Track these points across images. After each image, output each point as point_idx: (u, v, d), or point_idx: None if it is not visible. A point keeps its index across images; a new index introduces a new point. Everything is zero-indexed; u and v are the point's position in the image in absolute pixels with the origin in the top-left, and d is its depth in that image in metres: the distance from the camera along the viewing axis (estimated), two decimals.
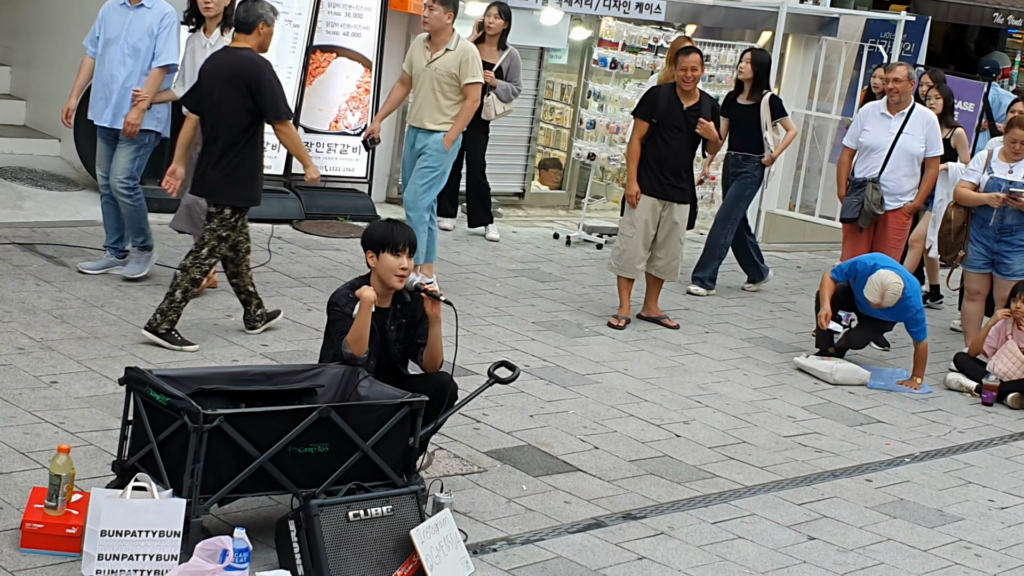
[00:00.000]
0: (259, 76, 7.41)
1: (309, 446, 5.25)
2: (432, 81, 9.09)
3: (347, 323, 5.78)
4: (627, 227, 9.41)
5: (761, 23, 13.59)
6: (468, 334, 8.25)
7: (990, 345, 9.28)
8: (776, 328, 10.05)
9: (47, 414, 6.30)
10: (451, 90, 9.11)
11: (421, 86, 9.17)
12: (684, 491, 6.69)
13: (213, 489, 5.08)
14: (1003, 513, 7.09)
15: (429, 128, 9.15)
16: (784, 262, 12.54)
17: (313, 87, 10.93)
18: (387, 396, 5.58)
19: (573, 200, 13.22)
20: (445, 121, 9.13)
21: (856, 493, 7.04)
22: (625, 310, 9.42)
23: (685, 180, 9.38)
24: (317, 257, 9.81)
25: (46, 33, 11.19)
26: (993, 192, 9.29)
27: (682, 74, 9.23)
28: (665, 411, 7.83)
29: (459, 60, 9.06)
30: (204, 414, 4.98)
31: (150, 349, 7.35)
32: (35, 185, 10.22)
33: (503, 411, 7.34)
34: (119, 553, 4.88)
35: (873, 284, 8.75)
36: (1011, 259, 9.36)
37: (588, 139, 12.09)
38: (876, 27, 15.42)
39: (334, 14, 10.98)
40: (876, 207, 9.64)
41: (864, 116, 9.96)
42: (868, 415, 8.40)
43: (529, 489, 6.40)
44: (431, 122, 9.14)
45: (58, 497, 5.08)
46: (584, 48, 13.01)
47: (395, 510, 5.25)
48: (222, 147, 7.47)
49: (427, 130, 9.16)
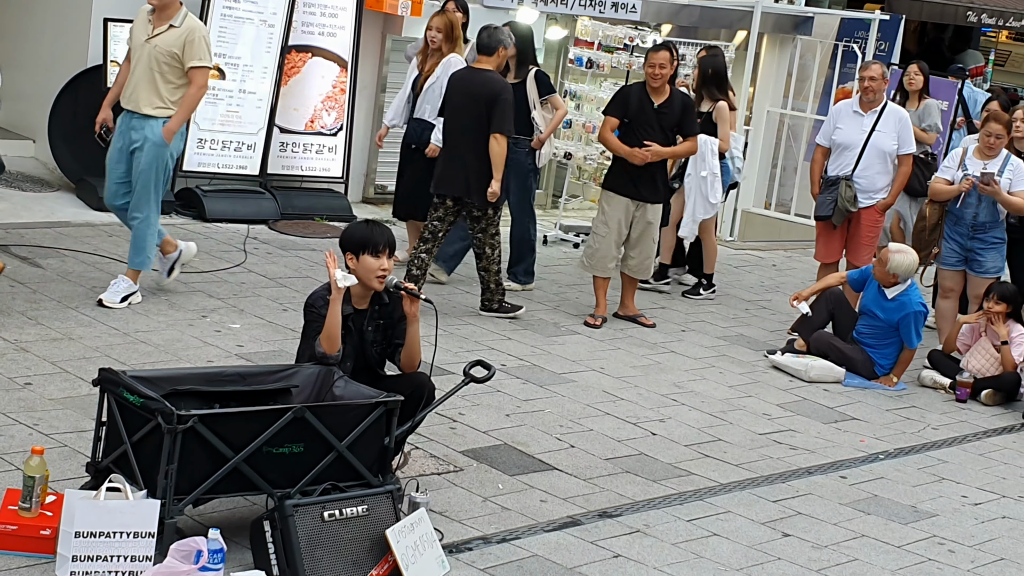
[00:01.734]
0: (498, 94, 8.73)
1: (284, 446, 5.25)
2: (151, 59, 7.92)
3: (320, 323, 5.79)
4: (600, 226, 9.42)
5: (736, 22, 13.62)
6: (444, 334, 8.25)
7: (964, 342, 9.32)
8: (752, 326, 10.08)
9: (21, 415, 6.28)
10: (172, 72, 7.95)
11: (138, 63, 7.97)
12: (660, 489, 6.70)
13: (187, 490, 5.07)
14: (976, 509, 7.13)
15: (145, 113, 7.96)
16: (760, 260, 12.58)
17: (288, 87, 10.91)
18: (362, 396, 5.58)
19: (550, 200, 13.23)
20: (163, 107, 7.98)
21: (831, 490, 7.07)
22: (601, 309, 9.43)
23: (658, 179, 9.37)
24: (293, 257, 9.80)
25: (19, 34, 11.15)
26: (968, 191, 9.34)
27: (650, 71, 9.19)
28: (641, 409, 7.85)
29: (183, 39, 7.92)
30: (178, 415, 4.97)
31: (124, 350, 7.33)
32: (9, 186, 10.18)
33: (479, 410, 7.35)
34: (93, 554, 4.87)
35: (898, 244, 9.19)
36: (984, 256, 9.40)
37: (565, 139, 12.10)
38: (850, 26, 15.48)
39: (309, 14, 10.96)
40: (849, 204, 9.68)
41: (837, 114, 10.00)
42: (843, 412, 8.44)
43: (505, 488, 6.41)
44: (148, 106, 7.96)
45: (32, 499, 5.07)
46: (560, 47, 13.02)
47: (370, 510, 5.26)
48: (475, 154, 8.76)
49: (142, 115, 7.98)
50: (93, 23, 10.30)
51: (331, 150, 11.24)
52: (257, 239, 10.14)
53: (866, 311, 9.13)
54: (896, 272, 8.86)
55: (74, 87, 10.34)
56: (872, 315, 9.06)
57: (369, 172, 11.94)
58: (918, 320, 8.97)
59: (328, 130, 11.20)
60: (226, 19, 10.51)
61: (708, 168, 10.23)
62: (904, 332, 8.97)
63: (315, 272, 9.41)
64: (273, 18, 10.72)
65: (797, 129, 14.59)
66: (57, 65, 10.61)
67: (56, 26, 10.95)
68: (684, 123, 9.30)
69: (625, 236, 9.37)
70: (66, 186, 10.46)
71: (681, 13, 13.19)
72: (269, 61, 10.73)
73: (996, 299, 9.06)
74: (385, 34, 11.71)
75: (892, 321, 8.97)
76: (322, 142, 11.21)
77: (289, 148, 11.02)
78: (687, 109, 9.35)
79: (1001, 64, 22.37)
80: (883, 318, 8.99)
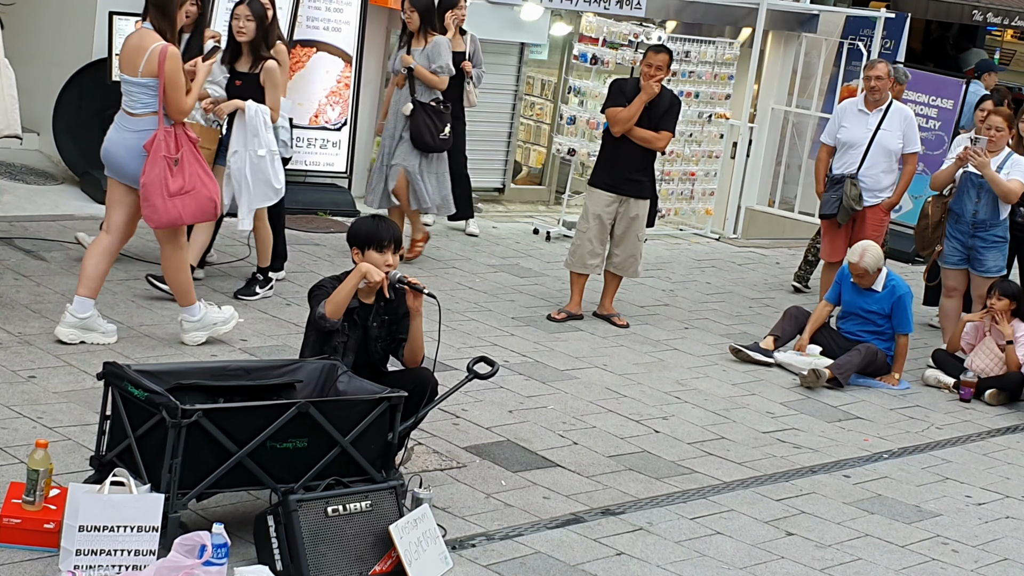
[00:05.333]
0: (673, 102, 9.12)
1: (288, 441, 5.25)
2: None
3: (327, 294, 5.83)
4: (581, 222, 9.43)
5: (741, 19, 13.60)
6: (448, 329, 8.25)
7: (967, 341, 9.32)
8: (755, 324, 10.07)
9: (25, 409, 6.28)
10: None
11: None
12: (663, 487, 6.70)
13: (191, 484, 5.07)
14: (980, 509, 7.13)
15: None
16: (763, 258, 12.57)
17: (293, 82, 10.88)
18: (366, 391, 5.58)
19: (553, 196, 13.22)
20: None
21: (834, 489, 7.07)
22: (572, 305, 9.38)
23: (643, 175, 9.32)
24: (297, 252, 9.79)
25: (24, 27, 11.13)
26: (966, 187, 9.33)
27: (646, 70, 9.18)
28: (644, 407, 7.84)
29: None
30: (182, 409, 4.97)
31: (128, 344, 7.33)
32: (13, 179, 10.18)
33: (482, 406, 7.34)
34: (97, 548, 4.86)
35: (855, 248, 8.98)
36: (985, 255, 9.41)
37: (568, 135, 12.09)
38: (856, 24, 15.45)
39: (314, 9, 10.96)
40: (855, 203, 9.68)
41: (842, 113, 10.00)
42: (846, 411, 8.43)
43: (508, 484, 6.41)
44: None
45: (36, 492, 5.06)
46: (564, 44, 13.01)
47: (374, 505, 5.26)
48: (643, 159, 9.21)
49: None
50: (98, 16, 10.30)
51: (335, 145, 11.23)
52: None
53: (853, 312, 9.11)
54: (876, 267, 8.89)
55: (79, 80, 10.34)
56: (862, 314, 9.04)
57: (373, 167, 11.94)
58: (910, 302, 9.00)
59: (332, 125, 11.20)
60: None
61: (264, 145, 8.32)
62: (900, 316, 8.98)
63: (319, 267, 9.41)
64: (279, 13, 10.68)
65: (801, 127, 14.58)
66: (61, 58, 10.61)
67: (61, 19, 10.95)
68: (664, 117, 9.25)
69: (609, 232, 9.34)
70: (70, 179, 10.46)
71: (686, 10, 13.18)
72: None
73: (999, 295, 9.05)
74: (389, 29, 11.70)
75: (886, 310, 9.00)
76: (326, 137, 11.20)
77: (293, 143, 10.99)
78: (672, 107, 9.30)
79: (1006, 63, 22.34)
80: (877, 310, 9.01)
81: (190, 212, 7.20)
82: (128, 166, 7.14)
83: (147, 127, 7.08)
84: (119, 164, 7.19)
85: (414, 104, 9.75)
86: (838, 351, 8.98)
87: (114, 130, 7.25)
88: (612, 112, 9.21)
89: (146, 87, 7.04)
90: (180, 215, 7.17)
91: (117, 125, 7.24)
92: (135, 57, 7.01)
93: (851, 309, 9.13)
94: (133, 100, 7.11)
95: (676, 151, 12.35)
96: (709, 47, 12.50)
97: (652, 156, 9.37)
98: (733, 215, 13.29)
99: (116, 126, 7.25)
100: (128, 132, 7.13)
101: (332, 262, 9.54)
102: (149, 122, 7.08)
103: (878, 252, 8.98)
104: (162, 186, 7.05)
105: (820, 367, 8.80)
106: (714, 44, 12.56)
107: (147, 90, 7.03)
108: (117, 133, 7.22)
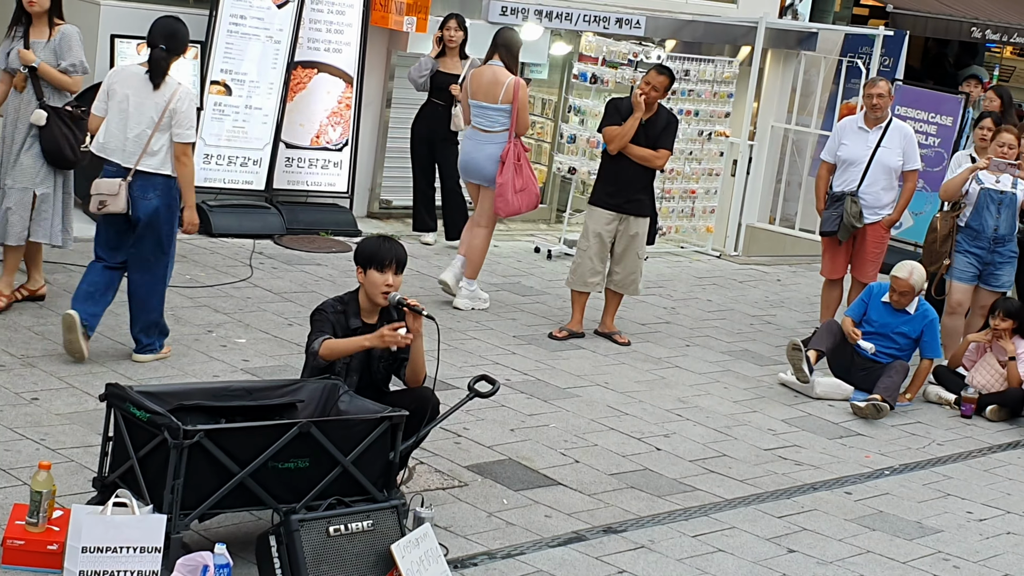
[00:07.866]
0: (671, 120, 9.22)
1: (289, 461, 5.26)
2: None
3: (327, 326, 5.83)
4: (581, 240, 9.45)
5: (740, 38, 13.66)
6: (449, 348, 8.27)
7: (969, 358, 9.32)
8: (756, 341, 10.09)
9: (28, 430, 6.30)
10: None
11: None
12: (664, 504, 6.71)
13: (193, 505, 5.09)
14: (982, 525, 7.13)
15: None
16: (764, 275, 12.59)
17: (294, 103, 10.95)
18: (367, 411, 5.60)
19: (554, 214, 13.25)
20: None
21: (836, 506, 7.07)
22: (574, 323, 9.41)
23: (643, 193, 9.34)
24: (298, 272, 9.82)
25: None
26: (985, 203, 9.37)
27: (642, 87, 9.22)
28: (645, 424, 7.85)
29: None
30: (184, 430, 4.99)
31: (131, 365, 7.35)
32: None
33: (484, 425, 7.36)
34: (100, 569, 4.88)
35: (903, 264, 8.98)
36: (1001, 270, 9.49)
37: (569, 153, 12.14)
38: (855, 42, 15.51)
39: (315, 30, 11.00)
40: (855, 220, 9.70)
41: (842, 130, 10.02)
42: (848, 428, 8.44)
43: (510, 503, 6.42)
44: None
45: (39, 513, 5.08)
46: (564, 63, 13.06)
47: (376, 525, 5.27)
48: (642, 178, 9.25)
49: None
50: (100, 40, 10.33)
51: (336, 165, 11.27)
52: (263, 254, 10.16)
53: (880, 332, 9.03)
54: (922, 286, 8.96)
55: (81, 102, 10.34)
56: (890, 334, 8.99)
57: (374, 187, 11.98)
58: (939, 327, 9.05)
59: (333, 145, 11.24)
60: (232, 35, 10.55)
61: None
62: (929, 340, 8.97)
63: (320, 287, 9.43)
64: (279, 34, 10.76)
65: (801, 144, 14.62)
66: None
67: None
68: (662, 136, 9.27)
69: (609, 250, 9.36)
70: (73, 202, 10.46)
71: (685, 29, 13.23)
72: (275, 77, 10.77)
73: (1002, 316, 9.06)
74: (390, 50, 11.76)
75: (916, 332, 8.99)
76: (327, 157, 11.24)
77: (295, 163, 11.05)
78: (669, 125, 9.31)
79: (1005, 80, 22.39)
80: (907, 331, 8.97)
81: (526, 205, 9.46)
82: (487, 170, 9.37)
83: (502, 141, 9.33)
84: (478, 169, 9.45)
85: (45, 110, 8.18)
86: (855, 370, 8.99)
87: (470, 144, 9.54)
88: (607, 131, 9.25)
89: (502, 111, 9.32)
90: (520, 207, 9.40)
91: (472, 140, 9.52)
92: (494, 89, 9.32)
93: (878, 328, 9.03)
94: (491, 121, 9.39)
95: (676, 169, 12.38)
96: (708, 66, 12.53)
97: (651, 174, 9.39)
98: (734, 233, 13.31)
99: (471, 141, 9.53)
100: (489, 145, 9.39)
101: (334, 282, 9.56)
102: (503, 137, 9.34)
103: (924, 272, 9.01)
104: (512, 185, 9.25)
105: (864, 399, 8.66)
106: (713, 63, 12.59)
107: (503, 114, 9.31)
108: (473, 145, 9.49)
